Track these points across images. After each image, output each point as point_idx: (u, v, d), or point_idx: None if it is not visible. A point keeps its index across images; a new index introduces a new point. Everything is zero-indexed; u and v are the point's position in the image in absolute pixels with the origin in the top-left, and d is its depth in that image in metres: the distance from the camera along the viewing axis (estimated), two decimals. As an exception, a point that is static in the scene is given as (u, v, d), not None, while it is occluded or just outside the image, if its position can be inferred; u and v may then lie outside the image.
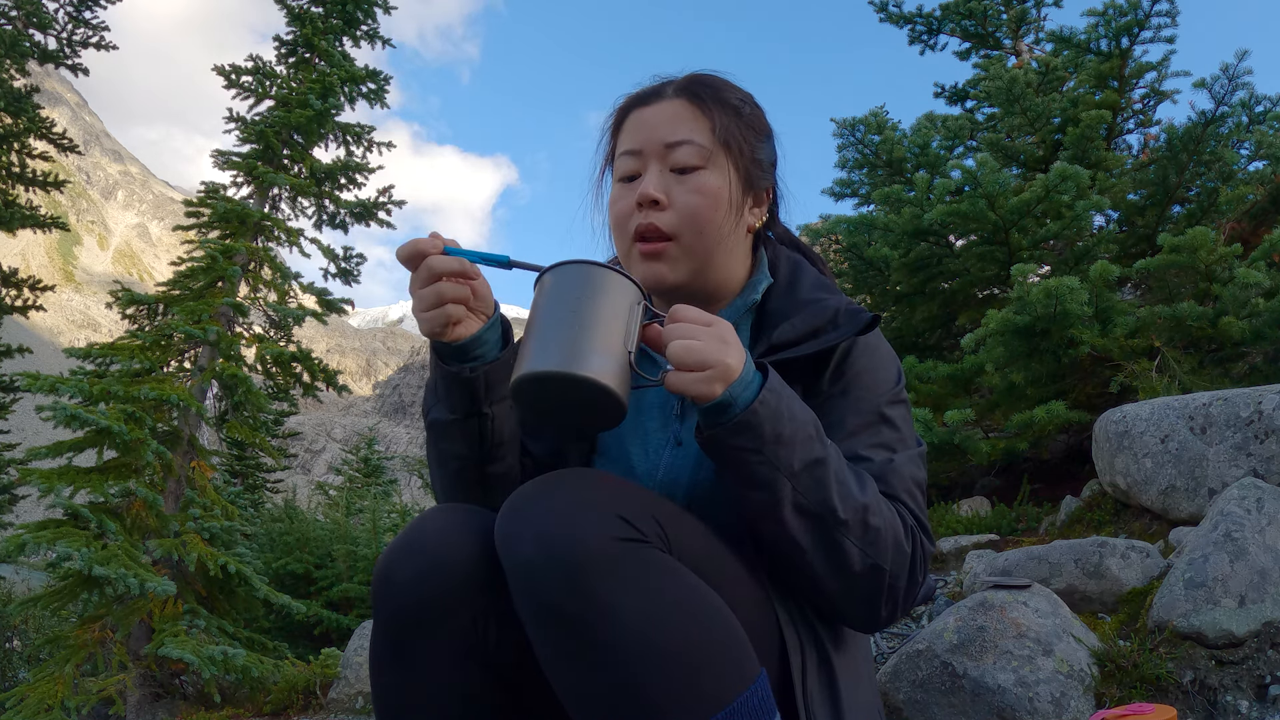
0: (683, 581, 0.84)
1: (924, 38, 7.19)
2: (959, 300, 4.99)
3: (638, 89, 1.17)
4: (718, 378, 0.88)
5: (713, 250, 1.10)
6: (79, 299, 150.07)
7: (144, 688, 4.97)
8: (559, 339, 0.86)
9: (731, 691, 0.81)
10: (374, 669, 0.93)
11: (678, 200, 1.08)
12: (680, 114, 1.11)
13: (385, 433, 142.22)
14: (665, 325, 0.91)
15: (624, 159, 1.12)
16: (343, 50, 7.42)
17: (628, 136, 1.13)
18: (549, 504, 0.83)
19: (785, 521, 0.92)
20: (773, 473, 0.90)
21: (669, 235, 1.08)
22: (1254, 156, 4.68)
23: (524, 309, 1.11)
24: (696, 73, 1.16)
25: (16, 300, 10.74)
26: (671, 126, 1.10)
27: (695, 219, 1.08)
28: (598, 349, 0.85)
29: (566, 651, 0.81)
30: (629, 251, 1.11)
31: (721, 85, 1.15)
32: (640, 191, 1.08)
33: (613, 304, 0.89)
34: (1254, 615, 1.69)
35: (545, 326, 0.88)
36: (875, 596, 0.96)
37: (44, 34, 10.14)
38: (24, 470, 5.53)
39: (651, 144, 1.10)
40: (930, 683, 1.68)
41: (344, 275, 7.34)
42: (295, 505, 7.86)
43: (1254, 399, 2.47)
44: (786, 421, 0.91)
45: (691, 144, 1.09)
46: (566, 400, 0.87)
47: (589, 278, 0.90)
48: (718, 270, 1.13)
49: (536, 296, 0.92)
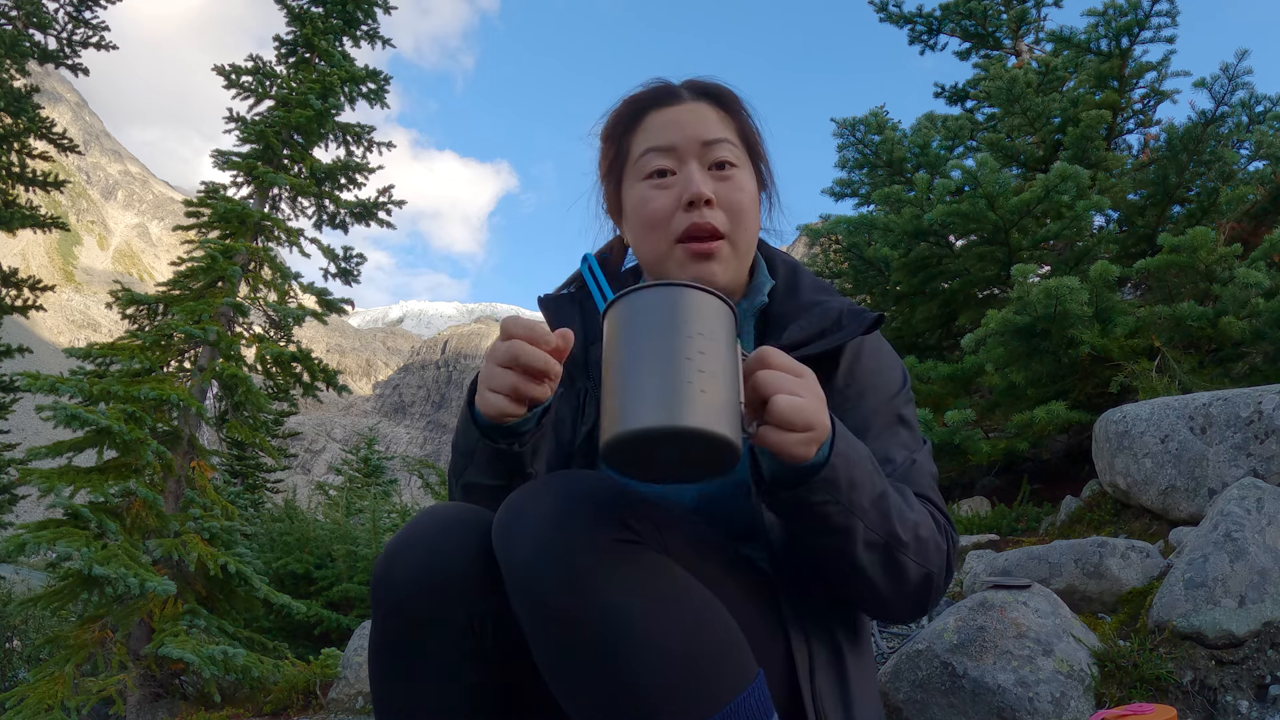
0: (678, 583, 0.85)
1: (924, 38, 7.19)
2: (959, 300, 4.99)
3: (642, 89, 1.16)
4: (816, 439, 0.82)
5: (750, 250, 1.12)
6: (79, 299, 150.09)
7: (144, 688, 4.97)
8: (660, 383, 0.71)
9: (729, 692, 0.81)
10: (373, 667, 0.93)
11: (725, 198, 1.07)
12: (709, 115, 1.11)
13: (385, 433, 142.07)
14: (752, 366, 0.81)
15: (652, 156, 1.09)
16: (343, 50, 7.43)
17: (652, 135, 1.11)
18: (546, 505, 0.83)
19: (857, 558, 0.91)
20: (849, 518, 0.88)
21: (722, 234, 1.07)
22: (1254, 156, 4.68)
23: (524, 309, 1.08)
24: (698, 79, 1.16)
25: (16, 300, 10.74)
26: (706, 126, 1.09)
27: (742, 217, 1.08)
28: (709, 390, 0.72)
29: (563, 651, 0.81)
30: (669, 253, 1.08)
31: (731, 92, 1.16)
32: (693, 190, 1.05)
33: (719, 333, 0.75)
34: (1254, 615, 1.69)
35: (638, 369, 0.73)
36: (924, 597, 0.99)
37: (44, 34, 10.15)
38: (24, 470, 5.53)
39: (689, 142, 1.08)
40: (930, 683, 1.68)
41: (344, 275, 7.34)
42: (295, 505, 7.85)
43: (1254, 399, 2.47)
44: (856, 465, 0.88)
45: (728, 142, 1.09)
46: (672, 456, 0.74)
47: (685, 303, 0.75)
48: (744, 270, 1.14)
49: (616, 330, 0.77)
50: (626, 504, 0.85)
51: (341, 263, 7.27)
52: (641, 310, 0.76)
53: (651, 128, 1.11)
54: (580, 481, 0.87)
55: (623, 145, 1.15)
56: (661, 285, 0.76)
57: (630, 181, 1.13)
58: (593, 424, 1.10)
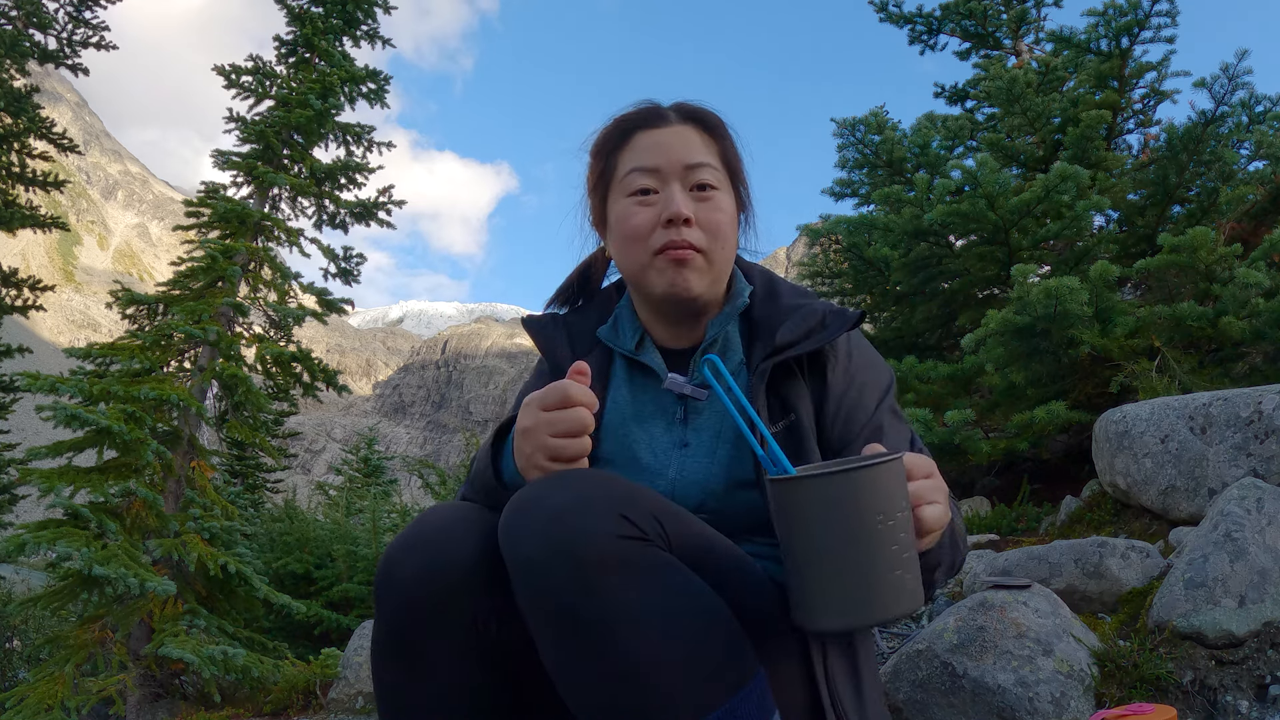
0: (683, 580, 0.86)
1: (924, 38, 7.19)
2: (959, 300, 4.99)
3: (631, 110, 1.22)
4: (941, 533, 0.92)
5: (727, 266, 1.18)
6: (79, 299, 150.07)
7: (144, 688, 4.97)
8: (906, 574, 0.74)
9: (730, 690, 0.82)
10: (376, 665, 0.94)
11: (703, 218, 1.14)
12: (693, 139, 1.17)
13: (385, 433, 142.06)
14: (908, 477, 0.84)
15: (637, 175, 1.16)
16: (343, 50, 7.42)
17: (638, 155, 1.17)
18: (553, 502, 0.84)
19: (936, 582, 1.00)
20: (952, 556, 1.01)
21: (700, 250, 1.14)
22: (1254, 156, 4.67)
23: (523, 308, 1.10)
24: (686, 103, 1.23)
25: (16, 300, 10.73)
26: (689, 150, 1.16)
27: (719, 236, 1.15)
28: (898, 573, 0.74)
29: (568, 647, 0.82)
30: (649, 263, 1.15)
31: (717, 117, 1.23)
32: (673, 210, 1.12)
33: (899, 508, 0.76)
34: (1254, 615, 1.69)
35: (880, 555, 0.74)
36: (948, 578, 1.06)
37: (44, 34, 10.14)
38: (24, 470, 5.53)
39: (672, 164, 1.15)
40: (930, 683, 1.68)
41: (344, 275, 7.33)
42: (295, 505, 7.85)
43: (1254, 399, 2.47)
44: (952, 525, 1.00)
45: (709, 166, 1.16)
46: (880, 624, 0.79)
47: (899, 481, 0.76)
48: (721, 283, 1.20)
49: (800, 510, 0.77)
50: (632, 502, 0.86)
51: (341, 263, 7.27)
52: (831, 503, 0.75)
53: (638, 148, 1.18)
54: (586, 480, 0.88)
55: (610, 163, 1.21)
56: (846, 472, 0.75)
57: (615, 197, 1.19)
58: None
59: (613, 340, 1.22)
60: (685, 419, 1.15)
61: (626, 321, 1.24)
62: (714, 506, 1.09)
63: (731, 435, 1.12)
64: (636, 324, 1.23)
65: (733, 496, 1.10)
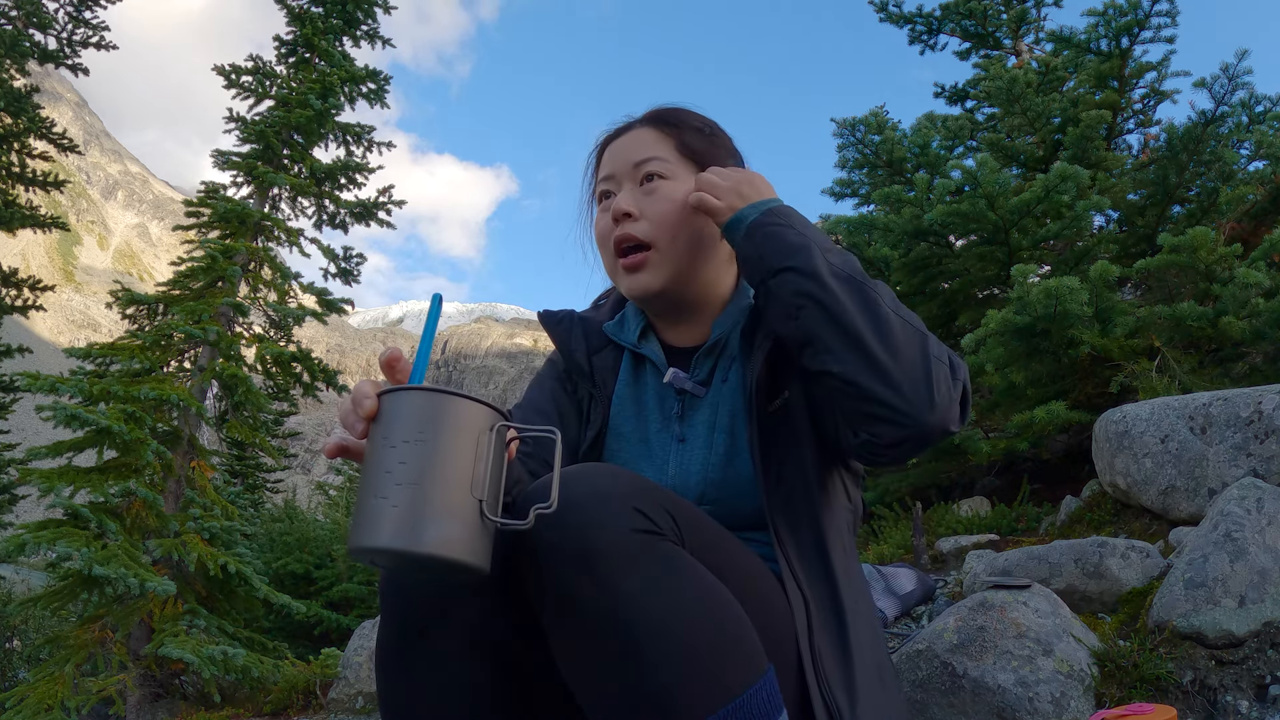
0: (695, 575, 0.86)
1: (924, 38, 7.19)
2: (959, 300, 4.99)
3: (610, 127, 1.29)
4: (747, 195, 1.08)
5: (692, 255, 1.18)
6: (79, 299, 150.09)
7: (144, 688, 4.97)
8: (390, 502, 0.71)
9: (741, 685, 0.83)
10: (380, 664, 0.93)
11: (648, 209, 1.17)
12: (646, 137, 1.22)
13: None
14: None
15: (601, 184, 1.24)
16: (342, 50, 7.43)
17: (604, 165, 1.25)
18: (566, 496, 0.84)
19: (827, 286, 0.99)
20: (804, 238, 1.03)
21: (646, 243, 1.17)
22: (1254, 156, 4.67)
23: (523, 308, 1.11)
24: (658, 107, 1.28)
25: (16, 300, 10.73)
26: (639, 148, 1.21)
27: (666, 223, 1.16)
28: (437, 512, 0.71)
29: (581, 640, 0.83)
30: (615, 268, 1.21)
31: (684, 112, 1.26)
32: (614, 207, 1.18)
33: (455, 444, 0.74)
34: (1254, 615, 1.69)
35: (375, 481, 0.73)
36: (924, 371, 0.96)
37: (44, 34, 10.14)
38: (24, 470, 5.53)
39: (622, 166, 1.21)
40: (930, 683, 1.69)
41: (344, 275, 7.34)
42: (295, 505, 7.86)
43: (1254, 399, 2.47)
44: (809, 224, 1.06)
45: (656, 159, 1.20)
46: (413, 565, 0.75)
47: (426, 410, 0.74)
48: (701, 276, 1.20)
49: (372, 431, 0.76)
50: (644, 495, 0.87)
51: (341, 263, 7.27)
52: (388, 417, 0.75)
53: (604, 159, 1.26)
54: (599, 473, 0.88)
55: (592, 177, 1.30)
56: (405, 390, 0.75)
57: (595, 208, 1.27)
58: (599, 428, 1.20)
59: (617, 334, 1.26)
60: (682, 414, 1.18)
61: (631, 317, 1.28)
62: (713, 497, 1.11)
63: (726, 425, 1.14)
64: (640, 319, 1.26)
65: (730, 490, 1.11)
